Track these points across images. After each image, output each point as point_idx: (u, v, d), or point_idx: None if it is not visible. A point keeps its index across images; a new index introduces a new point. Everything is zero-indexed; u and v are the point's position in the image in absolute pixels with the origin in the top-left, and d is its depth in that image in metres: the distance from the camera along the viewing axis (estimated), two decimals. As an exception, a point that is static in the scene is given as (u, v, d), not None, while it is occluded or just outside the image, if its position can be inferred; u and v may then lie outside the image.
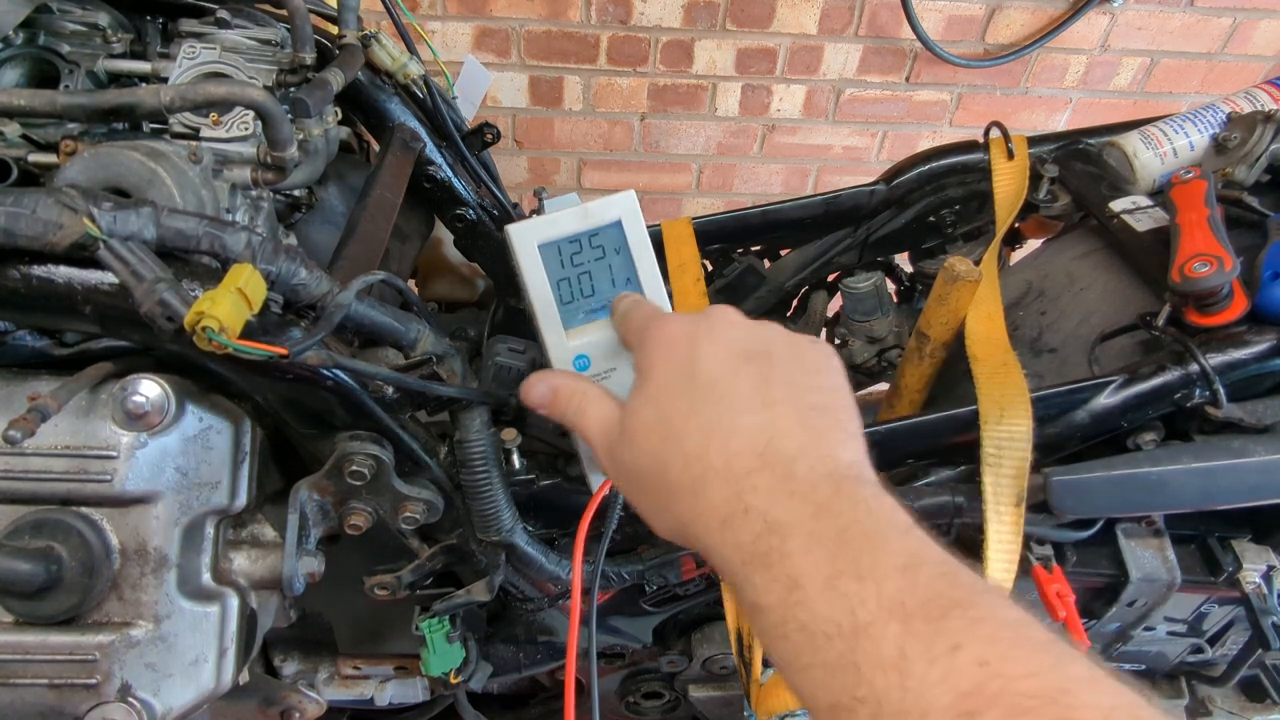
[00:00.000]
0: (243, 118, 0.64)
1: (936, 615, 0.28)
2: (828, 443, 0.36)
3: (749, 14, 1.62)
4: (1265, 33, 1.71)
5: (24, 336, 0.58)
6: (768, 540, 0.33)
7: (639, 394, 0.42)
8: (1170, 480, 0.65)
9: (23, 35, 0.66)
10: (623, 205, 0.53)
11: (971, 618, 0.28)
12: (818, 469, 0.35)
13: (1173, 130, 0.85)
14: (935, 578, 0.30)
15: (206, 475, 0.57)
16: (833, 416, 0.38)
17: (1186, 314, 0.67)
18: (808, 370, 0.40)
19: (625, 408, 0.42)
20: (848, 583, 0.30)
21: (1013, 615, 0.28)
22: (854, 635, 0.29)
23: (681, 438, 0.38)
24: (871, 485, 0.35)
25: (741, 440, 0.37)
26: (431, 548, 0.67)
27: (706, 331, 0.41)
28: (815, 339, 0.43)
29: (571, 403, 0.46)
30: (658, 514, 0.40)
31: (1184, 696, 0.89)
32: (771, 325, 0.43)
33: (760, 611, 0.33)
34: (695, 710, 0.92)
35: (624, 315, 0.49)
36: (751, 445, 0.36)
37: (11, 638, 0.54)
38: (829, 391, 0.40)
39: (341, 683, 0.84)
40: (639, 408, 0.41)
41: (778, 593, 0.32)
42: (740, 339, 0.41)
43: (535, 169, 1.84)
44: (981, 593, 0.29)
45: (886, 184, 0.99)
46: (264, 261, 0.52)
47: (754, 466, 0.35)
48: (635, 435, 0.41)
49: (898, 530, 0.32)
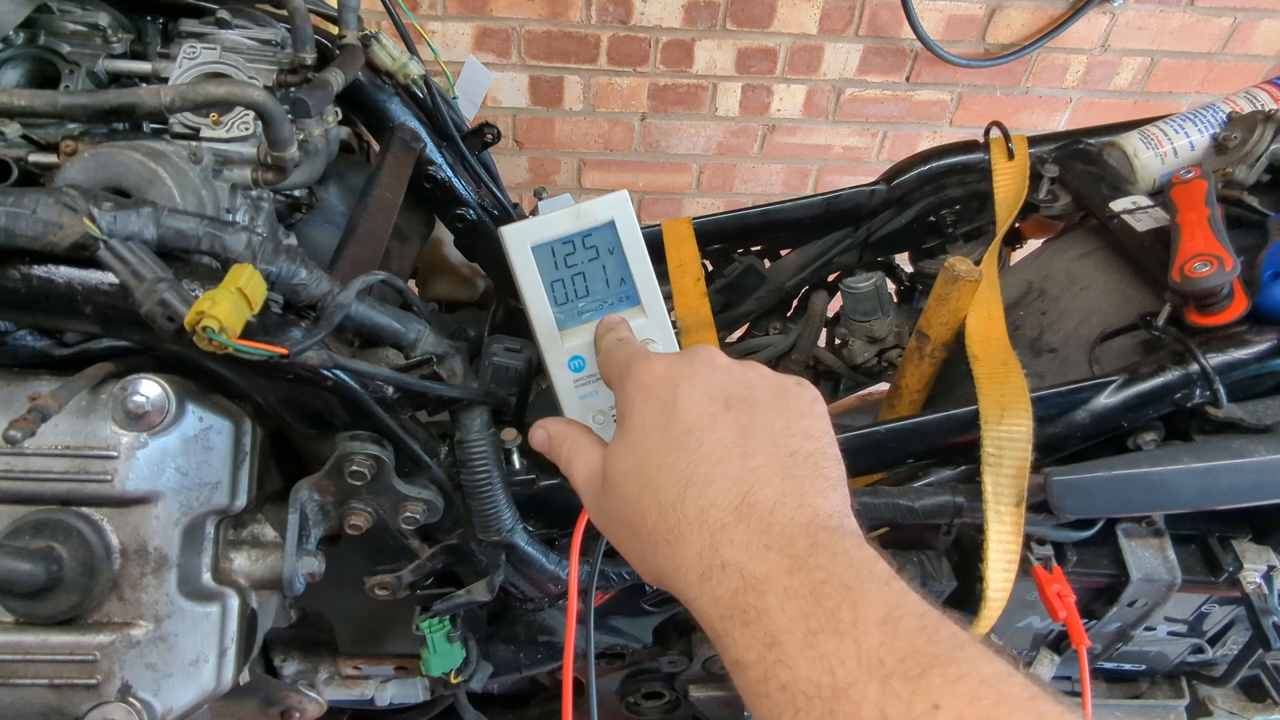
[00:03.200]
0: (243, 118, 0.64)
1: (916, 673, 0.28)
2: (807, 491, 0.36)
3: (749, 14, 1.62)
4: (1265, 33, 1.72)
5: (24, 336, 0.58)
6: (745, 596, 0.32)
7: (618, 440, 0.41)
8: (1170, 480, 0.64)
9: (23, 35, 0.66)
10: (616, 205, 0.53)
11: (951, 675, 0.27)
12: (796, 519, 0.34)
13: (1173, 130, 0.85)
14: (915, 631, 0.29)
15: (207, 475, 0.57)
16: (814, 464, 0.38)
17: (1187, 314, 0.67)
18: (790, 416, 0.39)
19: (607, 453, 0.42)
20: (826, 640, 0.30)
21: (994, 670, 0.28)
22: (834, 696, 0.28)
23: (657, 487, 0.37)
24: (852, 535, 0.34)
25: (718, 491, 0.36)
26: (432, 548, 0.67)
27: (688, 375, 0.40)
28: (800, 381, 0.42)
29: (561, 451, 0.46)
30: (639, 562, 0.40)
31: (1184, 696, 0.89)
32: (754, 367, 0.42)
33: (740, 668, 0.32)
34: (695, 710, 0.92)
35: (607, 355, 0.48)
36: (728, 497, 0.36)
37: (12, 638, 0.54)
38: (811, 438, 0.39)
39: (342, 683, 0.84)
40: (618, 455, 0.41)
41: (757, 650, 0.31)
42: (722, 383, 0.40)
43: (535, 169, 1.84)
44: (962, 647, 0.29)
45: (886, 184, 0.99)
46: (264, 261, 0.52)
47: (729, 519, 0.35)
48: (614, 483, 0.40)
49: (877, 582, 0.31)
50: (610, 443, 0.42)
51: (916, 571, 0.75)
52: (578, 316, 0.54)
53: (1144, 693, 0.90)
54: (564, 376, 0.55)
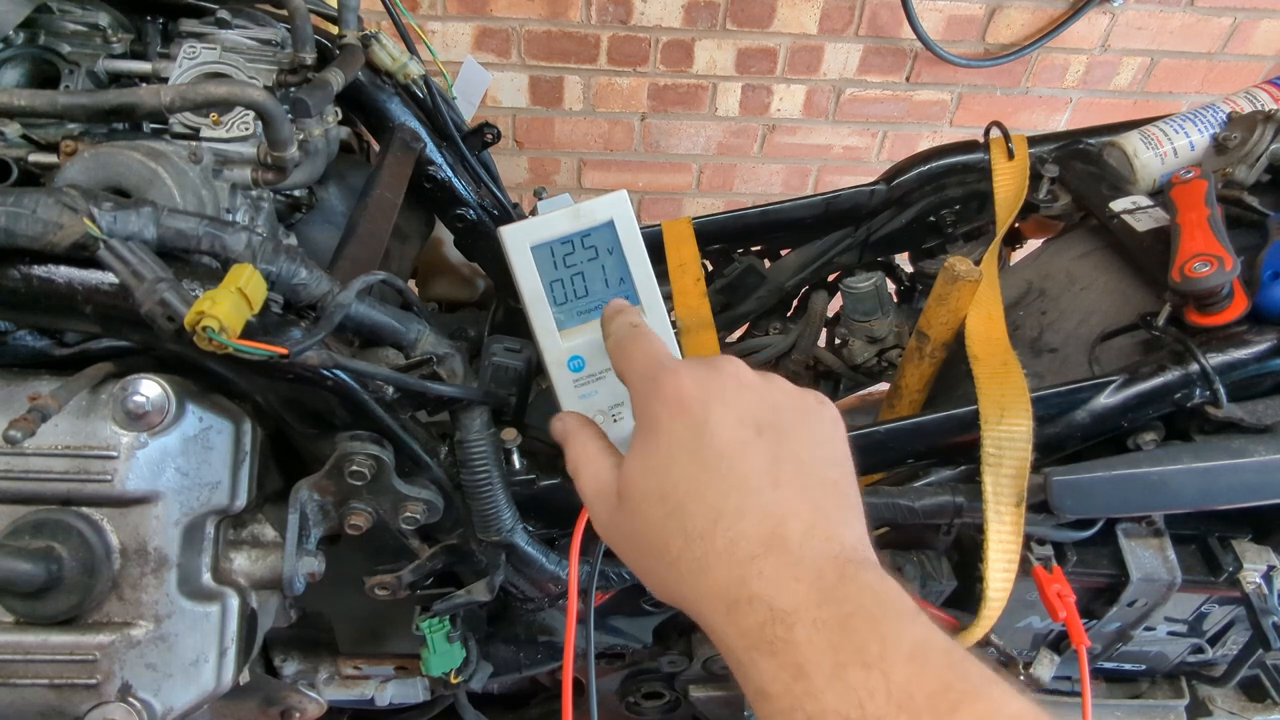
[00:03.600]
0: (243, 118, 0.64)
1: (945, 710, 0.28)
2: (834, 523, 0.36)
3: (749, 14, 1.62)
4: (1265, 33, 1.72)
5: (24, 336, 0.58)
6: (773, 629, 0.32)
7: (641, 457, 0.39)
8: (1170, 480, 0.65)
9: (23, 35, 0.66)
10: (614, 205, 0.53)
11: (980, 712, 0.28)
12: (824, 552, 0.34)
13: (1173, 130, 0.85)
14: (943, 667, 0.29)
15: (207, 475, 0.57)
16: (839, 493, 0.38)
17: (1187, 314, 0.67)
18: (816, 442, 0.39)
19: (624, 469, 0.40)
20: (854, 672, 0.30)
21: (1020, 708, 0.28)
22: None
23: (685, 515, 0.37)
24: (875, 568, 0.34)
25: (749, 523, 0.35)
26: (432, 548, 0.67)
27: (719, 395, 0.39)
28: (821, 399, 0.42)
29: (570, 454, 0.45)
30: (656, 584, 0.39)
31: (1184, 696, 0.89)
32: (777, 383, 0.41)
33: (766, 699, 0.32)
34: (695, 710, 0.92)
35: (619, 342, 0.45)
36: (758, 529, 0.35)
37: (12, 638, 0.54)
38: (835, 464, 0.39)
39: (342, 683, 0.84)
40: (639, 474, 0.39)
41: (784, 681, 0.31)
42: (752, 406, 0.39)
43: (535, 169, 1.84)
44: (990, 684, 0.29)
45: (886, 184, 0.99)
46: (264, 261, 0.52)
47: (758, 551, 0.35)
48: (635, 502, 0.39)
49: (903, 616, 0.32)
50: (629, 456, 0.40)
51: (916, 571, 0.75)
52: (577, 316, 0.54)
53: (1144, 693, 0.90)
54: (563, 376, 0.55)
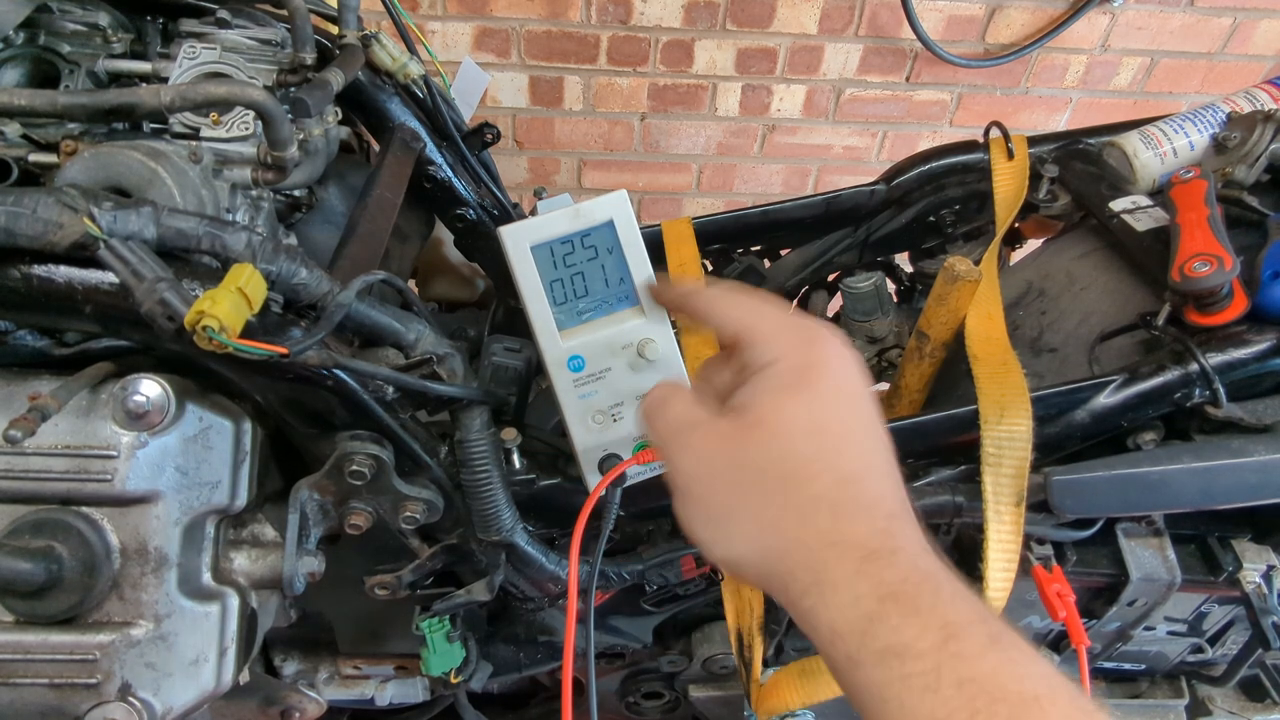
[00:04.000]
0: (243, 118, 0.64)
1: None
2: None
3: (749, 14, 1.62)
4: (1265, 33, 1.72)
5: (24, 336, 0.58)
6: (918, 585, 0.32)
7: (794, 391, 0.37)
8: (1170, 480, 0.65)
9: (23, 35, 0.66)
10: (614, 205, 0.53)
11: None
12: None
13: (1173, 130, 0.85)
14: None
15: (207, 475, 0.57)
16: None
17: (1186, 313, 0.67)
18: None
19: (765, 395, 0.37)
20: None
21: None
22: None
23: (839, 456, 0.36)
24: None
25: (890, 483, 0.36)
26: (432, 547, 0.67)
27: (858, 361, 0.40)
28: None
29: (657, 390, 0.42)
30: (764, 517, 0.36)
31: (1184, 696, 0.89)
32: None
33: (897, 657, 0.30)
34: (695, 710, 0.92)
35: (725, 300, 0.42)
36: (896, 492, 0.36)
37: (12, 637, 0.54)
38: None
39: (341, 682, 0.84)
40: (787, 401, 0.37)
41: (930, 639, 0.30)
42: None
43: (535, 169, 1.84)
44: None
45: (886, 184, 0.99)
46: (264, 261, 0.52)
47: (897, 511, 0.35)
48: (775, 431, 0.36)
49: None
50: (779, 393, 0.38)
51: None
52: (577, 316, 0.54)
53: (1144, 692, 0.90)
54: (563, 376, 0.55)
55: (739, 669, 0.73)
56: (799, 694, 0.69)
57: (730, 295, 0.43)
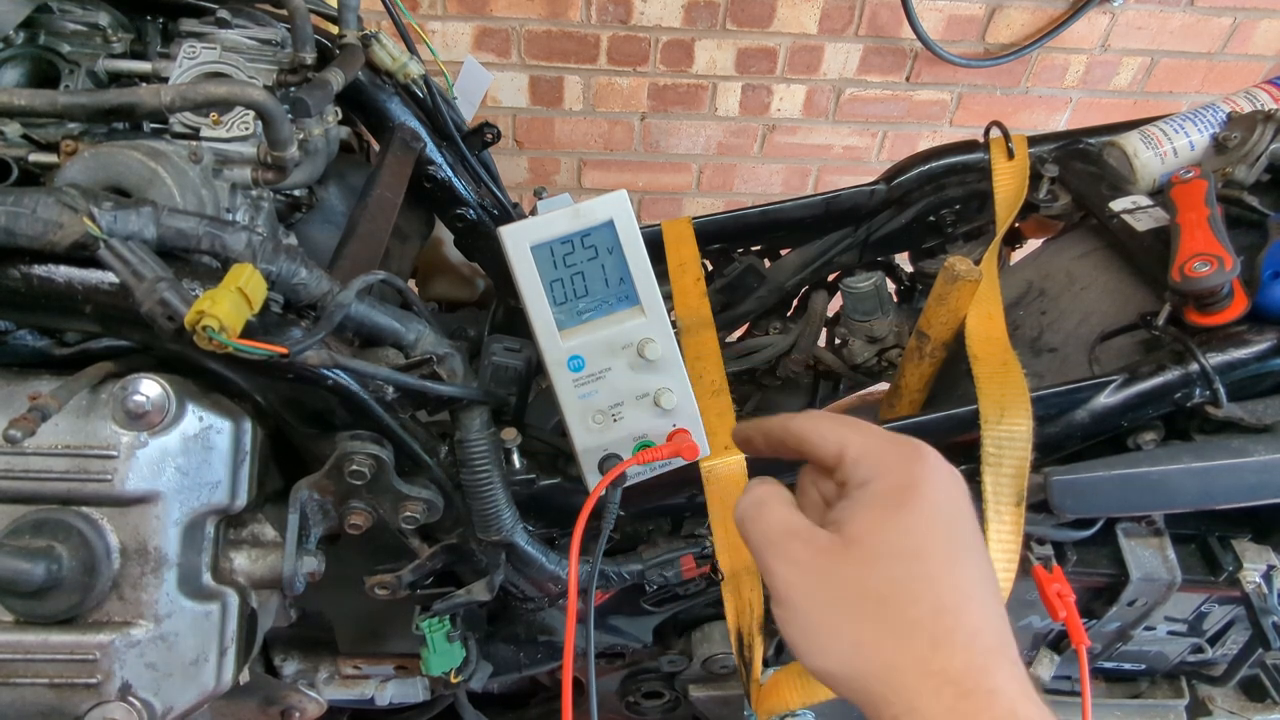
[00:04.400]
0: (243, 118, 0.64)
1: None
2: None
3: (749, 14, 1.62)
4: (1265, 33, 1.72)
5: (24, 336, 0.58)
6: None
7: (894, 511, 0.37)
8: (1170, 480, 0.65)
9: (23, 35, 0.66)
10: (614, 205, 0.53)
11: None
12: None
13: (1173, 130, 0.85)
14: None
15: (207, 475, 0.57)
16: None
17: (1186, 313, 0.67)
18: None
19: (862, 516, 0.37)
20: None
21: None
22: None
23: (937, 584, 0.35)
24: None
25: (991, 617, 0.34)
26: (432, 547, 0.67)
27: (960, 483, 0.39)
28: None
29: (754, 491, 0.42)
30: (850, 639, 0.35)
31: (1184, 696, 0.89)
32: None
33: None
34: (695, 710, 0.92)
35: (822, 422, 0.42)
36: (996, 627, 0.34)
37: (12, 637, 0.54)
38: None
39: (341, 682, 0.84)
40: (885, 521, 0.37)
41: None
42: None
43: (535, 169, 1.84)
44: None
45: (886, 184, 0.99)
46: (264, 261, 0.52)
47: (994, 647, 0.33)
48: (872, 553, 0.36)
49: None
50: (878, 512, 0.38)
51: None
52: (577, 316, 0.54)
53: (1144, 692, 0.90)
54: (563, 376, 0.55)
55: (739, 669, 0.73)
56: (799, 694, 0.69)
57: (826, 416, 0.43)
